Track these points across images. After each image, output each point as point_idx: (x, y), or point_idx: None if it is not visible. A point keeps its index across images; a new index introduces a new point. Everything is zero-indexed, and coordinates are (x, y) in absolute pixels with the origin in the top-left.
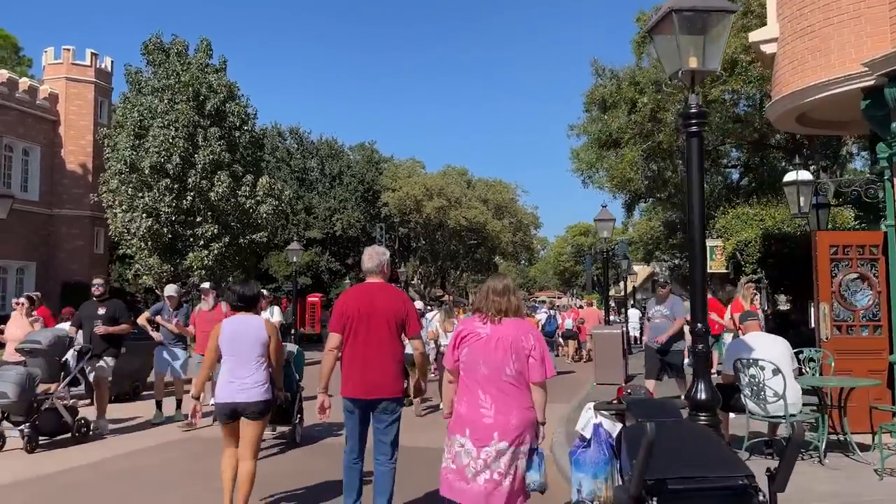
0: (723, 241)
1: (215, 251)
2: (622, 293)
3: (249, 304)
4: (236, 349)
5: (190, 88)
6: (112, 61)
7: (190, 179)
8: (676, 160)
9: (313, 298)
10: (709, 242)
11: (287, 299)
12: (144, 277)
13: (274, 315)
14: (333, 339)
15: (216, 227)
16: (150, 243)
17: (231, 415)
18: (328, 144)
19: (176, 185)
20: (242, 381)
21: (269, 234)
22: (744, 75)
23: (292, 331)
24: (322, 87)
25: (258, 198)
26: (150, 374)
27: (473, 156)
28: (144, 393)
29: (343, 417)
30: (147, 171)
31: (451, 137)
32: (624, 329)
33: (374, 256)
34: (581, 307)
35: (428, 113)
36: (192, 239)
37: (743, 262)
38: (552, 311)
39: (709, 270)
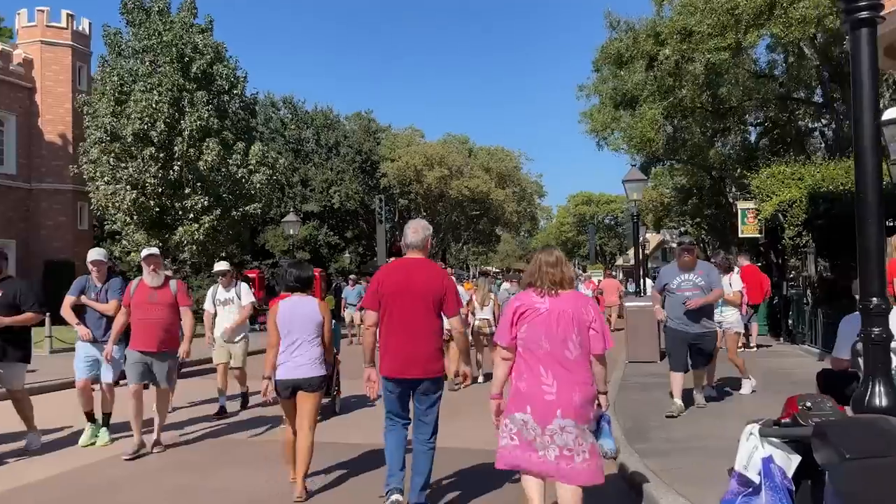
0: (756, 203)
1: (206, 224)
2: (640, 261)
3: (305, 286)
4: (293, 329)
5: (173, 49)
6: (90, 23)
7: (176, 148)
8: (697, 120)
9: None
10: (740, 205)
11: None
12: (133, 254)
13: (242, 293)
14: (370, 316)
15: (206, 198)
16: (135, 217)
17: (292, 391)
18: (323, 114)
19: (161, 154)
20: (299, 359)
21: (263, 207)
22: (784, 17)
23: None
24: (314, 57)
25: (251, 167)
26: None
27: (474, 123)
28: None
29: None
30: (130, 140)
31: (451, 105)
32: None
33: (419, 230)
34: (590, 277)
35: (425, 79)
36: (181, 212)
37: (785, 225)
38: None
39: (740, 235)
